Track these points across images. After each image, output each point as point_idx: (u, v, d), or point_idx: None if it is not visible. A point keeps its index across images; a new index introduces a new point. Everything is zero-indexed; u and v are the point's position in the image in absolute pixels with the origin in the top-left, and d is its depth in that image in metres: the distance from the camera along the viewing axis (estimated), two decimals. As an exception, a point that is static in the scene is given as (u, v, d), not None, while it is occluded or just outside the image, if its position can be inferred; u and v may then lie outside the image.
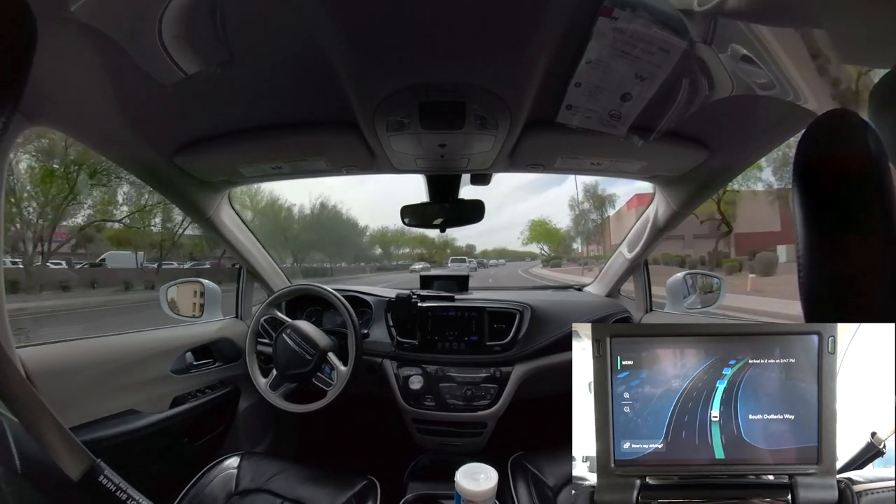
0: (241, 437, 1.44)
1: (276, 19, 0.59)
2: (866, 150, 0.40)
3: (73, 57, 0.63)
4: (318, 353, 1.20)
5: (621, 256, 1.60)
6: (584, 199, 30.06)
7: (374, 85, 0.71)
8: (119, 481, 0.48)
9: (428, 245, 42.59)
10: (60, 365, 0.93)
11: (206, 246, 15.67)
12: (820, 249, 0.43)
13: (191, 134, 0.93)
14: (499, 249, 53.25)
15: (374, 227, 39.00)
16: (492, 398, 1.28)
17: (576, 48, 0.64)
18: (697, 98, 0.74)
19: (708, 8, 0.56)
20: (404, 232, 37.12)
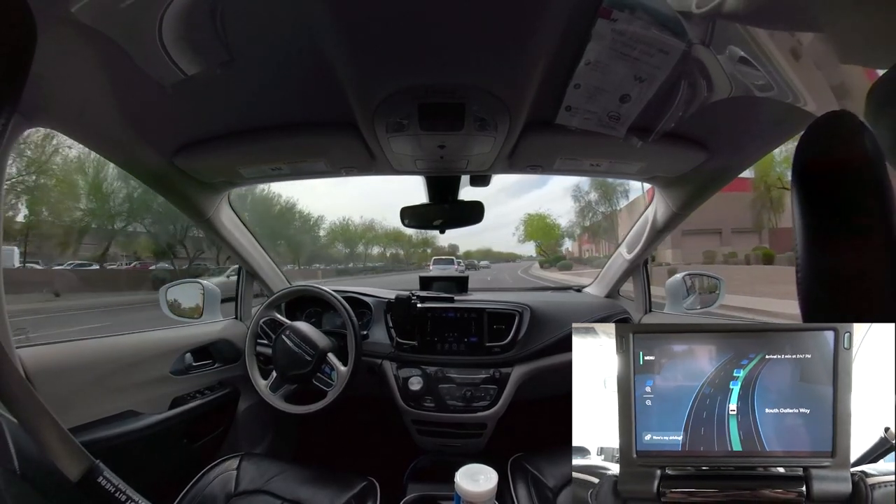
0: (241, 439, 1.44)
1: (275, 21, 0.59)
2: (864, 151, 0.40)
3: (73, 57, 0.63)
4: (317, 354, 1.20)
5: (620, 257, 1.60)
6: (591, 189, 27.37)
7: (374, 86, 0.71)
8: (118, 482, 0.48)
9: (403, 243, 37.29)
10: (60, 365, 0.93)
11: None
12: (819, 250, 0.43)
13: (191, 135, 0.93)
14: (483, 250, 52.19)
15: (333, 220, 32.71)
16: (491, 399, 1.28)
17: (575, 49, 0.64)
18: (696, 99, 0.75)
19: (706, 10, 0.56)
20: (373, 226, 32.85)
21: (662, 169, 1.14)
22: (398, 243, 35.31)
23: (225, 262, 16.92)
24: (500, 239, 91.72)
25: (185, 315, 1.49)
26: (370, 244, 34.10)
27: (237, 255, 1.46)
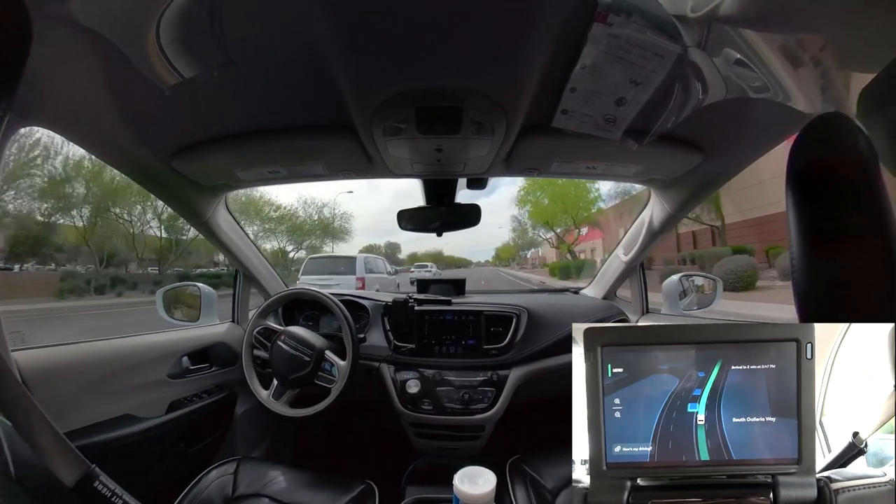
0: (238, 442, 1.43)
1: (274, 24, 0.59)
2: (858, 152, 0.40)
3: (70, 57, 0.63)
4: (315, 353, 1.20)
5: (617, 259, 1.61)
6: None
7: (371, 90, 0.72)
8: (114, 487, 0.48)
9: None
10: (56, 369, 0.93)
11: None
12: (813, 251, 0.43)
13: (189, 137, 0.93)
14: (432, 253, 49.46)
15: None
16: (489, 401, 1.28)
17: (571, 53, 0.65)
18: (692, 102, 0.75)
19: (702, 13, 0.57)
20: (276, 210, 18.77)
21: (658, 171, 1.14)
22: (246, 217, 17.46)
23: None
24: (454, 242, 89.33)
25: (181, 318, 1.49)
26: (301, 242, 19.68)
27: (234, 259, 1.45)
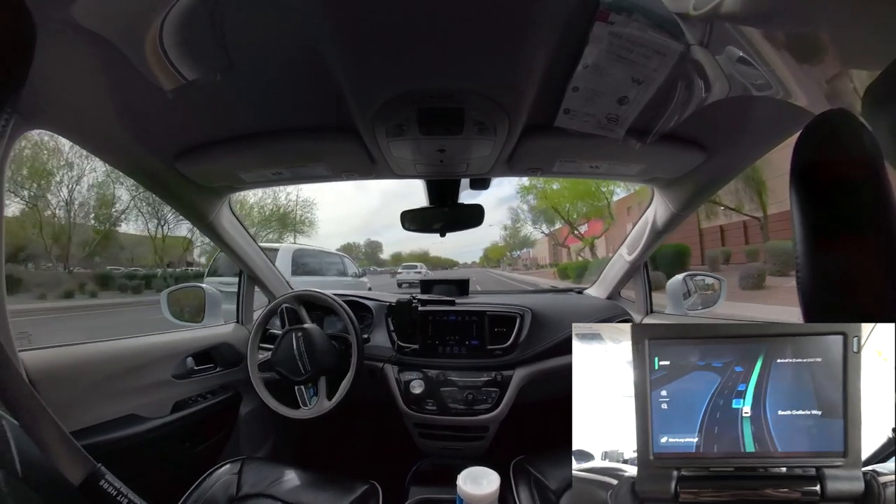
0: (243, 442, 1.44)
1: (275, 26, 0.60)
2: (863, 149, 0.40)
3: (73, 60, 0.63)
4: (311, 373, 1.20)
5: (621, 259, 1.60)
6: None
7: (374, 91, 0.72)
8: (120, 486, 0.48)
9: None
10: (62, 369, 0.94)
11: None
12: (818, 249, 0.43)
13: (192, 139, 0.93)
14: (417, 254, 50.40)
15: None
16: (493, 402, 1.27)
17: (573, 53, 0.65)
18: (694, 100, 0.75)
19: (704, 11, 0.56)
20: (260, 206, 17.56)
21: (661, 170, 1.14)
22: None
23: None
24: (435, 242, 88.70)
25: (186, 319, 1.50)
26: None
27: (238, 259, 1.46)
